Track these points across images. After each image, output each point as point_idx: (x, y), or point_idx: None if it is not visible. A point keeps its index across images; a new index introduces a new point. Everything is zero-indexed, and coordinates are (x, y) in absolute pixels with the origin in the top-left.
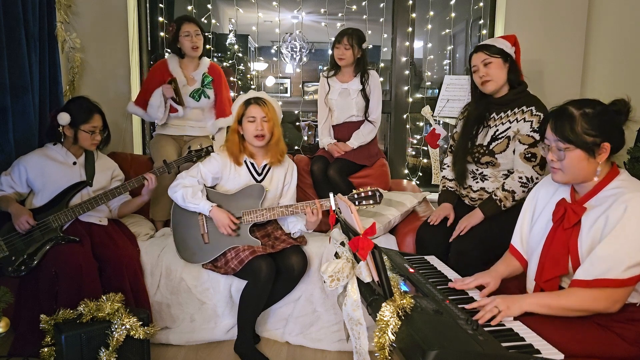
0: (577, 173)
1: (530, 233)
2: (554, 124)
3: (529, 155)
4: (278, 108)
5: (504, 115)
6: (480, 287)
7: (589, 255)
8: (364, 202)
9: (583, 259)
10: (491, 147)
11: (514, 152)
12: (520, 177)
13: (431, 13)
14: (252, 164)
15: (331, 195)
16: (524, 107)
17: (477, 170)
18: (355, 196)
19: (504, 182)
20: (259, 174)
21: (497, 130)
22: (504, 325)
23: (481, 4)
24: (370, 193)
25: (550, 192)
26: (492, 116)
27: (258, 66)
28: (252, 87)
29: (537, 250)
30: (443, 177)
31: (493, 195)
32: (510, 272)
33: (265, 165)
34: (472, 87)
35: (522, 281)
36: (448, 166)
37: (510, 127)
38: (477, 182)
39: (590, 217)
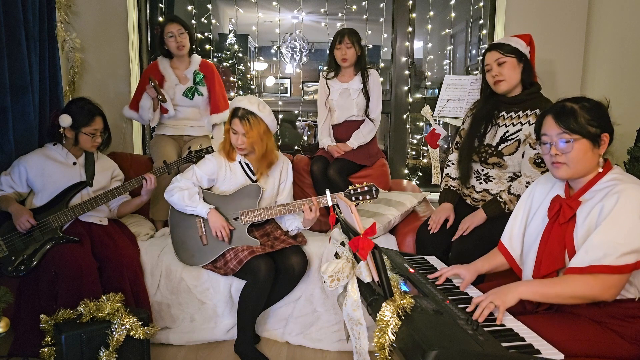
0: (581, 165)
1: (526, 232)
2: (557, 118)
3: (539, 160)
4: (271, 120)
5: (514, 116)
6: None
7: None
8: (360, 198)
9: (579, 250)
10: (500, 148)
11: (522, 155)
12: (528, 182)
13: (431, 13)
14: (246, 164)
15: (327, 192)
16: (537, 110)
17: (482, 170)
18: (352, 192)
19: (510, 186)
20: (254, 174)
21: (507, 131)
22: (504, 325)
23: (481, 4)
24: (366, 188)
25: (546, 190)
26: (501, 114)
27: (258, 66)
28: (252, 87)
29: (534, 247)
30: (446, 174)
31: (498, 198)
32: (492, 268)
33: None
34: (482, 85)
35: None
36: (453, 163)
37: (521, 130)
38: (480, 183)
39: (585, 209)
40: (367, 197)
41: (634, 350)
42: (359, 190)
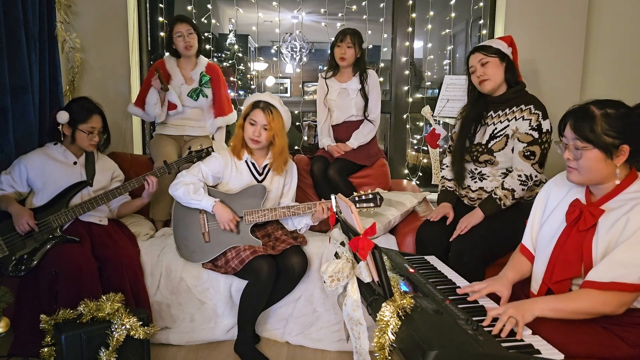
0: (593, 174)
1: (539, 232)
2: (573, 122)
3: (528, 153)
4: (287, 117)
5: (502, 114)
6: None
7: (604, 257)
8: (364, 205)
9: (596, 261)
10: (489, 145)
11: (512, 150)
12: (520, 176)
13: (431, 13)
14: (252, 164)
15: (333, 197)
16: (522, 106)
17: (475, 169)
18: (356, 198)
19: (504, 181)
20: (260, 174)
21: (496, 128)
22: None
23: (481, 4)
24: (370, 196)
25: (564, 192)
26: (489, 114)
27: (258, 66)
28: (252, 87)
29: (547, 250)
30: (442, 177)
31: (493, 194)
32: (521, 276)
33: (265, 166)
34: (469, 89)
35: (527, 285)
36: (447, 166)
37: (508, 126)
38: (475, 182)
39: (608, 219)
40: (371, 204)
41: (634, 353)
42: (363, 197)
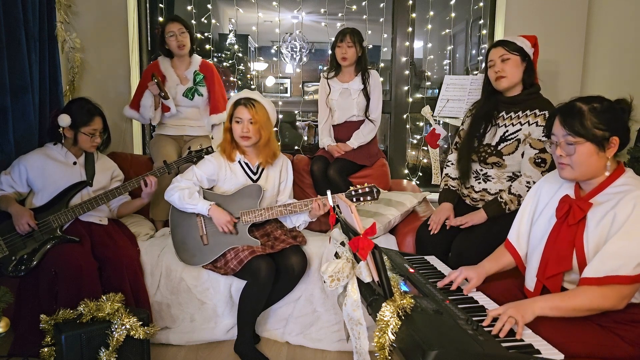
0: (587, 168)
1: (531, 230)
2: (563, 119)
3: (539, 160)
4: (271, 109)
5: (514, 116)
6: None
7: (597, 252)
8: (361, 199)
9: (589, 256)
10: (499, 147)
11: (522, 155)
12: (528, 182)
13: (431, 13)
14: (246, 164)
15: (328, 192)
16: (537, 111)
17: (480, 170)
18: (353, 193)
19: (511, 186)
20: (255, 174)
21: (507, 131)
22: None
23: (481, 4)
24: (367, 189)
25: (554, 189)
26: (501, 115)
27: (258, 66)
28: (252, 87)
29: (540, 247)
30: (446, 174)
31: (499, 198)
32: (500, 268)
33: (259, 165)
34: (484, 83)
35: (522, 282)
36: (452, 164)
37: (521, 130)
38: (479, 183)
39: (597, 213)
40: (368, 198)
41: (633, 352)
42: (360, 191)
